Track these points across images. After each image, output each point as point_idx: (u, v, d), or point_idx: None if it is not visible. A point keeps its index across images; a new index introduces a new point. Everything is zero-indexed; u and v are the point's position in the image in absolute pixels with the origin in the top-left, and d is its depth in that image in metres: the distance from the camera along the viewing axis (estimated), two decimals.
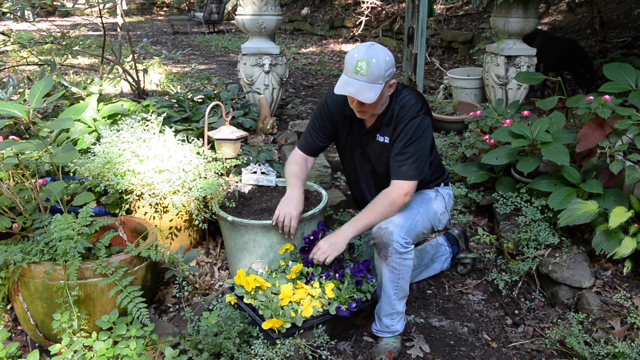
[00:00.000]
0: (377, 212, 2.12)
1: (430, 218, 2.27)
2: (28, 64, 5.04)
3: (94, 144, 2.89)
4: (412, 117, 2.11)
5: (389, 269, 2.11)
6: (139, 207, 2.60)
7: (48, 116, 3.67)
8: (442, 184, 2.39)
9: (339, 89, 2.02)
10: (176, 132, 3.18)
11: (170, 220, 2.64)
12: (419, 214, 2.21)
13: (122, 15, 5.24)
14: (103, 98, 3.82)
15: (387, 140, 2.20)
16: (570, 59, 5.03)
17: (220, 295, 2.38)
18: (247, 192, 2.69)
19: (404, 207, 2.16)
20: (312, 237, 2.24)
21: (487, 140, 3.32)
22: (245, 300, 2.13)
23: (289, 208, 2.26)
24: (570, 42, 5.26)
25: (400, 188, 2.12)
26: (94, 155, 2.64)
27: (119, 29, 5.65)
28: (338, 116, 2.30)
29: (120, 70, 4.96)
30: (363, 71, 1.97)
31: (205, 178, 2.62)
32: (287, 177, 2.40)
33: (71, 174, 2.72)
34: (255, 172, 2.75)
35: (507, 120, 3.34)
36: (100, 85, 4.35)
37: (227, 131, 2.79)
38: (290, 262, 2.29)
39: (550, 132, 2.91)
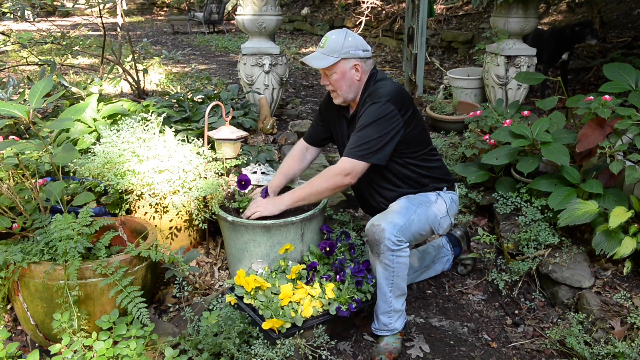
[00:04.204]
0: (314, 185, 2.25)
1: (429, 220, 2.26)
2: (28, 64, 5.04)
3: (94, 144, 2.89)
4: (372, 102, 2.17)
5: (382, 266, 2.12)
6: (139, 207, 2.60)
7: (48, 116, 3.67)
8: (445, 188, 2.38)
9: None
10: (176, 132, 3.18)
11: (170, 220, 2.64)
12: (415, 214, 2.20)
13: (122, 15, 5.25)
14: (103, 98, 3.82)
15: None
16: (558, 45, 5.05)
17: (220, 295, 2.38)
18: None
19: (343, 189, 2.32)
20: (328, 248, 2.30)
21: (487, 140, 3.32)
22: (245, 301, 2.13)
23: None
24: (546, 31, 5.30)
25: (342, 166, 2.17)
26: (94, 155, 2.64)
27: (119, 29, 5.66)
28: (333, 108, 2.42)
29: (120, 70, 4.96)
30: (322, 44, 2.23)
31: (205, 178, 2.62)
32: None
33: (71, 174, 2.72)
34: (255, 172, 2.75)
35: (507, 120, 3.34)
36: (100, 85, 4.35)
37: (227, 131, 2.79)
38: (290, 262, 2.29)
39: (550, 132, 2.91)
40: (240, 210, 2.43)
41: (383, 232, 2.07)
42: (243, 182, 2.49)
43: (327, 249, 2.28)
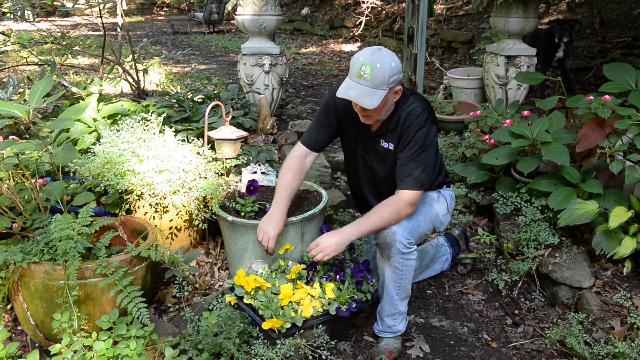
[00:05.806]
0: (382, 218, 2.07)
1: (432, 219, 2.28)
2: (28, 64, 5.04)
3: (94, 144, 2.89)
4: (419, 126, 2.07)
5: (392, 269, 2.11)
6: (139, 207, 2.60)
7: (48, 116, 3.67)
8: (445, 186, 2.39)
9: (342, 92, 2.00)
10: (176, 132, 3.18)
11: (170, 220, 2.64)
12: (421, 214, 2.21)
13: (122, 15, 5.24)
14: (103, 98, 3.82)
15: (391, 146, 2.17)
16: (550, 44, 5.04)
17: (220, 295, 2.38)
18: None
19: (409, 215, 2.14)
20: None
21: (487, 140, 3.32)
22: (245, 301, 2.13)
23: (267, 228, 2.19)
24: (543, 30, 5.30)
25: (407, 198, 2.08)
26: (94, 155, 2.64)
27: (119, 29, 5.65)
28: (345, 114, 2.24)
29: (120, 70, 4.96)
30: (367, 75, 1.93)
31: (205, 178, 2.62)
32: (277, 186, 2.29)
33: (71, 174, 2.72)
34: (255, 172, 2.75)
35: (507, 120, 3.34)
36: (100, 85, 4.35)
37: (227, 131, 2.80)
38: (290, 262, 2.29)
39: (550, 132, 2.91)
40: (242, 214, 2.40)
41: (395, 235, 2.06)
42: (252, 188, 2.44)
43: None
